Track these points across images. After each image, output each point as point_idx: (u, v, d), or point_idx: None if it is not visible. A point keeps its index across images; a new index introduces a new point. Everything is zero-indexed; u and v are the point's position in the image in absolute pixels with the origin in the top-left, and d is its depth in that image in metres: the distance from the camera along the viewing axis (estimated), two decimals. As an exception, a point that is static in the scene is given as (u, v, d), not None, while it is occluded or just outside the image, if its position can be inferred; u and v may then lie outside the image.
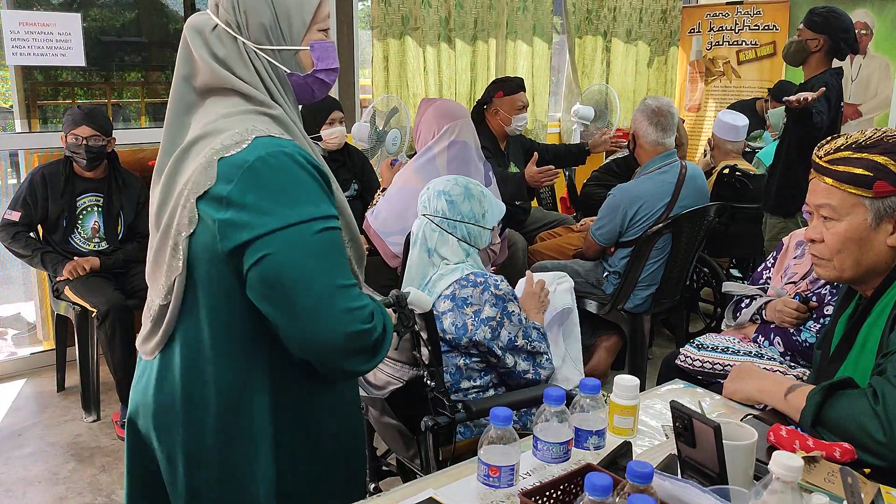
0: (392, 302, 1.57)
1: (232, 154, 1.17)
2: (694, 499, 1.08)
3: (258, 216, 1.15)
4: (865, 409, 1.34)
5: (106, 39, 3.94)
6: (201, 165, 1.18)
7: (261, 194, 1.15)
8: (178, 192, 1.22)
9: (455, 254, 2.01)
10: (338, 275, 1.18)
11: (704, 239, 3.37)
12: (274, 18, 1.27)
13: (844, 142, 1.52)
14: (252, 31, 1.27)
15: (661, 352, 3.73)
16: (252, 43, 1.27)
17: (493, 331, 1.92)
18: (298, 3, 1.29)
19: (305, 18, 1.30)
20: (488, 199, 2.07)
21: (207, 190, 1.17)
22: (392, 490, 1.32)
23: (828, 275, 1.58)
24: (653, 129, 3.20)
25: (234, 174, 1.16)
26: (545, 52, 5.41)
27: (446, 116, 3.03)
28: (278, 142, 1.20)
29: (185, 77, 1.29)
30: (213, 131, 1.22)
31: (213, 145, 1.19)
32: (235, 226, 1.15)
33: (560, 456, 1.34)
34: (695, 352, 2.33)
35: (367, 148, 4.13)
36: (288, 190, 1.17)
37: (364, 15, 5.50)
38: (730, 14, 5.90)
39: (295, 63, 1.31)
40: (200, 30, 1.28)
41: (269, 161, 1.16)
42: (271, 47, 1.28)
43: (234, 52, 1.26)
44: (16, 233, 3.22)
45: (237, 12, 1.27)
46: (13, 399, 3.45)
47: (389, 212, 3.01)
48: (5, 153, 3.86)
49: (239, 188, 1.15)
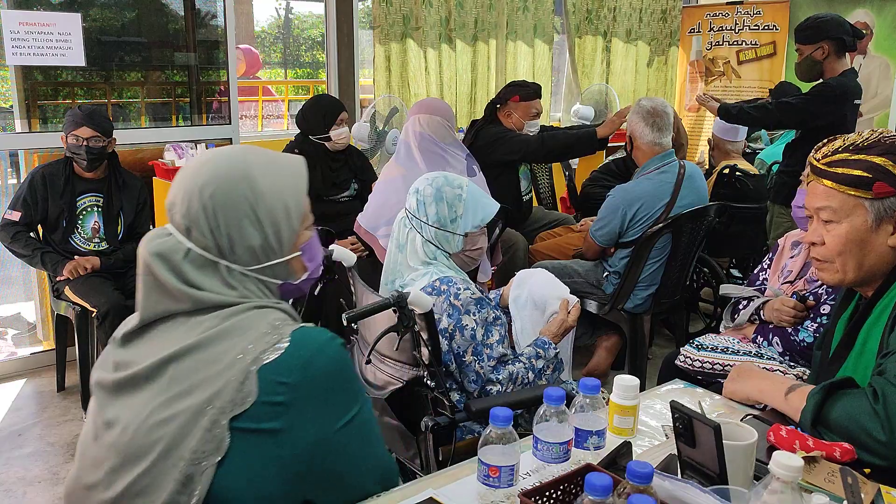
0: (392, 302, 1.57)
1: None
2: (694, 499, 1.08)
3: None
4: (866, 408, 1.33)
5: (106, 39, 3.94)
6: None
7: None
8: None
9: (421, 253, 2.00)
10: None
11: (704, 239, 3.37)
12: (264, 238, 1.15)
13: (842, 143, 1.51)
14: (239, 255, 1.14)
15: (661, 352, 3.73)
16: (239, 266, 1.14)
17: (447, 342, 1.89)
18: (286, 215, 1.16)
19: (295, 225, 1.18)
20: (465, 204, 1.99)
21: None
22: (392, 490, 1.32)
23: (831, 279, 1.56)
24: (649, 130, 3.20)
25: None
26: (545, 52, 5.41)
27: (420, 110, 3.19)
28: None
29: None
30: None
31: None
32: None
33: (560, 456, 1.34)
34: (694, 352, 2.32)
35: (367, 148, 4.14)
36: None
37: (364, 15, 5.50)
38: (730, 14, 5.90)
39: (287, 272, 1.20)
40: (167, 255, 1.12)
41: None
42: (261, 265, 1.16)
43: (218, 279, 1.13)
44: (16, 233, 3.22)
45: (218, 236, 1.13)
46: (13, 399, 3.45)
47: (374, 205, 3.09)
48: (5, 153, 3.86)
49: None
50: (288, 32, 15.11)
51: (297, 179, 1.20)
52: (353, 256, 1.88)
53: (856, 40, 3.50)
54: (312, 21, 15.17)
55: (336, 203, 3.56)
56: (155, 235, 1.15)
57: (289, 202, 1.17)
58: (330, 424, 1.10)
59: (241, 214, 1.13)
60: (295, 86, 12.28)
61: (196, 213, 1.12)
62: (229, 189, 1.13)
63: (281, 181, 1.17)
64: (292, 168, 1.21)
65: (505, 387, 1.92)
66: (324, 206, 3.49)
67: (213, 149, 1.21)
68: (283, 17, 15.14)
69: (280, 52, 15.02)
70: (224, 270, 1.13)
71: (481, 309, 1.92)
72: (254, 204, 1.13)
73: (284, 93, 10.85)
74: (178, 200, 1.14)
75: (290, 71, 14.46)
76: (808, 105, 3.52)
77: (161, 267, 1.11)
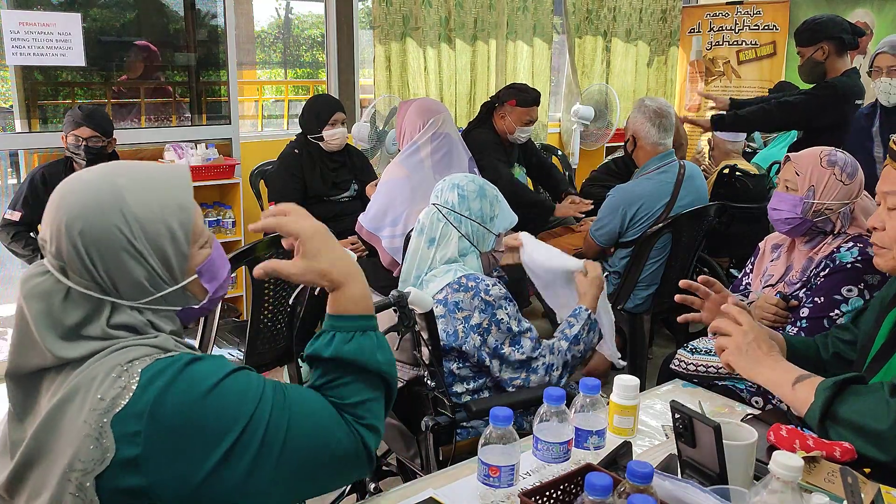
0: (392, 302, 1.58)
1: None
2: (694, 499, 1.08)
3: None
4: (880, 401, 1.30)
5: (106, 39, 3.94)
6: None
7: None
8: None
9: (454, 249, 2.00)
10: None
11: (704, 239, 3.37)
12: (150, 270, 1.03)
13: None
14: (124, 291, 1.02)
15: (661, 352, 3.73)
16: (126, 301, 1.03)
17: (482, 337, 1.90)
18: (172, 240, 1.05)
19: (184, 249, 1.06)
20: (501, 205, 2.07)
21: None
22: (392, 490, 1.33)
23: (886, 265, 1.50)
24: (655, 130, 3.20)
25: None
26: (545, 52, 5.41)
27: (429, 111, 3.14)
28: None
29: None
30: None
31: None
32: None
33: (560, 456, 1.34)
34: (688, 356, 2.31)
35: (367, 148, 4.14)
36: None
37: (364, 15, 5.50)
38: (730, 14, 5.90)
39: (184, 298, 1.09)
40: (47, 296, 1.01)
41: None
42: (152, 297, 1.05)
43: (100, 313, 1.01)
44: (16, 233, 3.23)
45: (97, 276, 1.01)
46: (13, 399, 3.45)
47: (377, 206, 3.06)
48: (5, 153, 3.86)
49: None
50: (288, 32, 15.11)
51: (180, 195, 1.07)
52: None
53: (856, 38, 3.50)
54: (312, 21, 15.17)
55: (336, 203, 3.56)
56: (32, 275, 1.04)
57: (171, 224, 1.05)
58: (194, 473, 0.96)
59: (118, 249, 1.01)
60: (295, 86, 12.28)
61: (68, 252, 1.00)
62: (99, 222, 1.00)
63: (159, 201, 1.04)
64: (173, 181, 1.08)
65: (548, 359, 1.92)
66: (324, 206, 3.49)
67: (80, 172, 1.06)
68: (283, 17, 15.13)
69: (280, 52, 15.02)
70: (109, 308, 1.02)
71: (511, 303, 1.94)
72: (130, 235, 1.01)
73: (284, 93, 10.85)
74: (48, 237, 1.03)
75: (290, 71, 14.46)
76: (809, 104, 3.52)
77: (39, 313, 1.00)
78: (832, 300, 1.99)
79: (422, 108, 3.16)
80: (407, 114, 3.16)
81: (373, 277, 3.11)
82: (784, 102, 3.65)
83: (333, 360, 1.09)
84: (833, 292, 2.00)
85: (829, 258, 2.03)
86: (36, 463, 0.99)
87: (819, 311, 2.00)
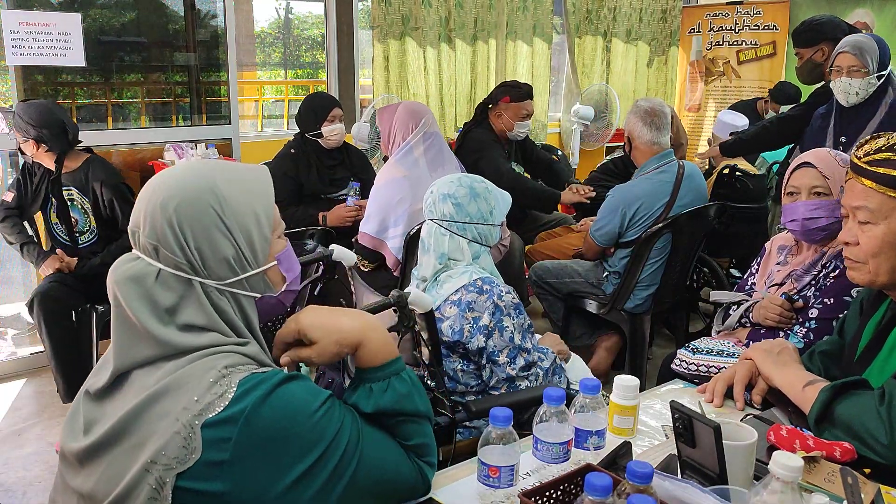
0: (392, 302, 1.57)
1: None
2: (694, 499, 1.08)
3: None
4: (871, 409, 1.33)
5: (106, 39, 3.94)
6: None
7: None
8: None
9: (467, 255, 2.00)
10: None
11: (704, 239, 3.37)
12: (237, 248, 1.10)
13: (886, 142, 1.45)
14: (212, 269, 1.08)
15: (661, 352, 3.72)
16: (213, 281, 1.09)
17: (487, 338, 1.90)
18: (257, 223, 1.12)
19: (266, 233, 1.14)
20: (493, 195, 2.05)
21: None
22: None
23: (861, 279, 1.52)
24: (648, 130, 3.20)
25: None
26: (545, 52, 5.41)
27: (419, 113, 3.19)
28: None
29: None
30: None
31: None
32: None
33: (560, 456, 1.34)
34: (689, 356, 2.31)
35: (367, 148, 4.14)
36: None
37: (364, 15, 5.50)
38: (730, 14, 5.91)
39: (264, 284, 1.15)
40: (140, 279, 1.07)
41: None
42: (237, 278, 1.11)
43: (190, 298, 1.07)
44: (7, 216, 3.25)
45: (188, 252, 1.07)
46: (13, 399, 3.45)
47: (377, 207, 3.06)
48: (5, 153, 3.85)
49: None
50: (288, 32, 15.10)
51: (263, 186, 1.16)
52: (353, 256, 1.88)
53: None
54: (312, 21, 15.16)
55: (334, 201, 3.56)
56: (122, 262, 1.10)
57: (258, 209, 1.13)
58: (273, 484, 1.01)
59: (210, 225, 1.08)
60: (295, 86, 12.28)
61: (162, 229, 1.07)
62: (194, 200, 1.08)
63: (247, 189, 1.13)
64: (257, 176, 1.17)
65: (532, 383, 1.93)
66: (322, 204, 3.49)
67: (169, 168, 1.16)
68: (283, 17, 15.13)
69: (280, 53, 15.01)
70: (198, 288, 1.07)
71: (520, 314, 1.94)
72: (221, 213, 1.08)
73: (284, 93, 10.86)
74: (141, 221, 1.09)
75: (290, 71, 14.46)
76: (809, 112, 3.50)
77: (132, 294, 1.06)
78: (842, 301, 1.99)
79: (411, 110, 3.19)
80: (397, 117, 3.17)
81: (374, 277, 3.12)
82: (785, 117, 3.65)
83: (375, 413, 1.15)
84: (843, 294, 1.99)
85: (839, 258, 2.02)
86: (115, 444, 1.03)
87: (828, 312, 2.00)
